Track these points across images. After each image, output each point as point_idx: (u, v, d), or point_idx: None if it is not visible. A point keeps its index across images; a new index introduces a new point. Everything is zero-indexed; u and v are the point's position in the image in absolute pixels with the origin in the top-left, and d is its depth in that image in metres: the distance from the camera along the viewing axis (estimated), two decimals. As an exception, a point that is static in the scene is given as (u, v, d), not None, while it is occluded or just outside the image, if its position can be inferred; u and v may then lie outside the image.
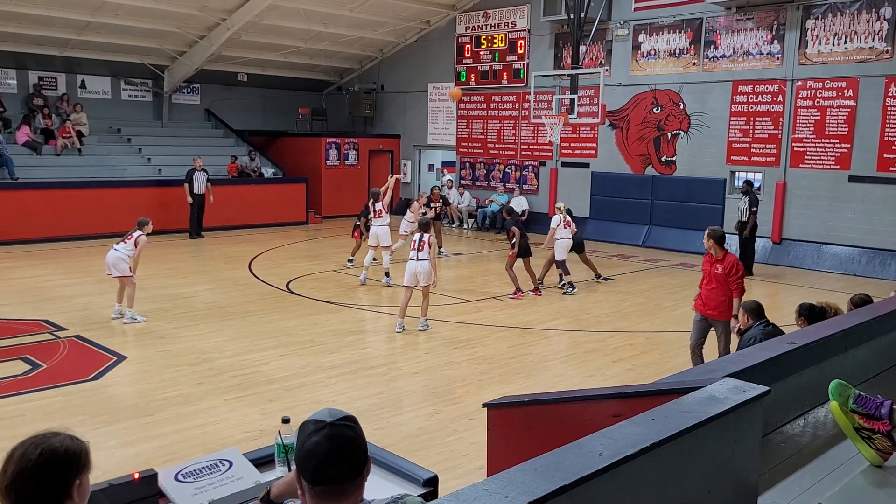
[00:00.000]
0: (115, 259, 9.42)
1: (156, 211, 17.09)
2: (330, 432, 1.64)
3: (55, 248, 14.79)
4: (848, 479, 2.37)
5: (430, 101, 21.29)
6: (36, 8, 15.91)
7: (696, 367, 5.82)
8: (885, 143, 13.60)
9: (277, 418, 2.97)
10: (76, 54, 18.35)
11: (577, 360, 8.34)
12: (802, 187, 14.65)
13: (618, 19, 17.06)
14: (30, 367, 7.57)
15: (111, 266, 9.43)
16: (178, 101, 21.18)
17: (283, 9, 17.68)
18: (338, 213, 20.76)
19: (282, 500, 2.04)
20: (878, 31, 13.55)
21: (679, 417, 1.97)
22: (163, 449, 5.67)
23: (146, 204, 16.99)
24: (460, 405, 6.74)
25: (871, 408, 2.46)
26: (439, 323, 9.79)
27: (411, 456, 3.36)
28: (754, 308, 5.88)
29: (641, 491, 1.81)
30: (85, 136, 18.19)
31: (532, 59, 18.74)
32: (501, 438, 3.57)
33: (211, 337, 8.83)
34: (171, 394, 6.90)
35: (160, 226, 17.02)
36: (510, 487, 1.56)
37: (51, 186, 15.65)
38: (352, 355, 8.21)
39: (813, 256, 14.44)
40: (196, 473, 2.51)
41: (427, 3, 19.46)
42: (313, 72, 22.50)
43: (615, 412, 2.60)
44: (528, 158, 19.38)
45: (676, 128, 16.42)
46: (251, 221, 18.41)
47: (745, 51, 15.21)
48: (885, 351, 3.55)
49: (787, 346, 2.95)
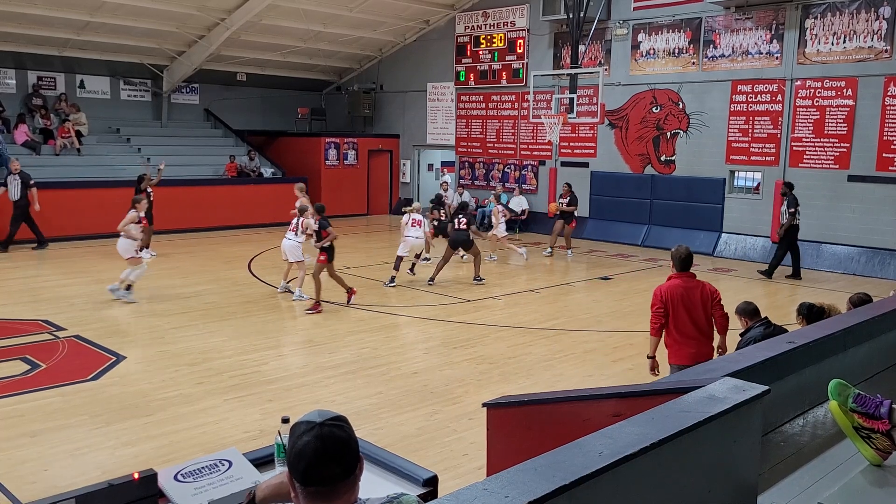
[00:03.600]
0: (291, 247, 10.77)
1: (156, 211, 17.12)
2: (319, 433, 1.64)
3: (54, 248, 14.78)
4: (847, 478, 2.37)
5: (430, 100, 21.29)
6: (35, 8, 15.90)
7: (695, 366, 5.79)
8: (884, 142, 13.61)
9: (277, 418, 2.97)
10: (75, 54, 18.34)
11: (576, 360, 8.34)
12: (801, 187, 14.61)
13: (617, 19, 17.06)
14: (29, 367, 7.56)
15: (287, 253, 10.82)
16: (178, 101, 21.18)
17: (282, 8, 17.68)
18: (337, 213, 20.69)
19: (266, 503, 2.03)
20: (877, 31, 13.55)
21: (679, 417, 1.97)
22: (162, 449, 5.66)
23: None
24: (459, 405, 6.74)
25: (871, 407, 2.46)
26: (438, 323, 9.80)
27: (410, 456, 3.36)
28: (746, 309, 5.81)
29: (641, 490, 1.81)
30: (84, 136, 18.18)
31: (531, 58, 18.74)
32: (501, 438, 3.57)
33: (210, 337, 8.83)
34: (170, 394, 6.90)
35: (160, 226, 17.14)
36: (510, 487, 1.56)
37: (50, 186, 15.62)
38: (351, 355, 8.21)
39: (812, 256, 14.44)
40: (196, 473, 2.51)
41: (426, 3, 19.46)
42: (312, 71, 22.49)
43: (615, 412, 2.60)
44: (527, 158, 19.38)
45: (675, 127, 16.43)
46: (250, 221, 18.41)
47: (745, 50, 15.21)
48: (885, 350, 3.56)
49: (787, 345, 2.96)
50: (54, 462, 5.42)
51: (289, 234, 10.96)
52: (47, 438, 5.78)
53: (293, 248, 10.83)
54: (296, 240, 10.82)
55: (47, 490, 4.74)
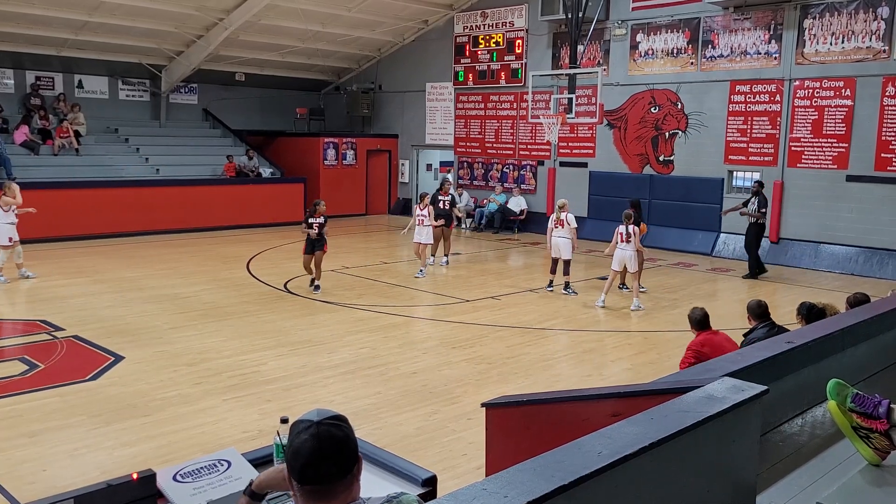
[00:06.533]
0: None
1: (154, 211, 17.15)
2: (317, 431, 1.65)
3: (52, 248, 14.76)
4: (846, 478, 2.37)
5: (428, 100, 21.29)
6: (33, 8, 15.88)
7: (694, 366, 5.82)
8: (882, 142, 13.62)
9: (276, 418, 2.97)
10: (73, 54, 18.32)
11: (575, 360, 8.35)
12: (800, 187, 14.67)
13: (615, 19, 17.06)
14: (27, 368, 7.55)
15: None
16: (176, 101, 21.16)
17: (280, 8, 17.67)
18: (336, 213, 20.70)
19: (263, 491, 2.04)
20: (876, 31, 13.56)
21: (677, 417, 1.97)
22: (161, 449, 5.66)
23: (144, 204, 17.03)
24: (458, 405, 6.73)
25: (869, 407, 2.46)
26: (437, 323, 9.80)
27: (409, 456, 3.35)
28: (755, 308, 5.85)
29: (640, 490, 1.81)
30: (82, 136, 18.16)
31: (530, 58, 18.74)
32: (500, 438, 3.58)
33: (209, 337, 8.83)
34: (169, 394, 6.90)
35: (158, 226, 17.16)
36: (509, 487, 1.56)
37: (48, 186, 15.62)
38: (350, 355, 8.21)
39: (810, 256, 14.46)
40: (194, 473, 2.50)
41: (425, 3, 19.46)
42: (311, 71, 22.49)
43: (614, 411, 2.60)
44: (525, 158, 19.38)
45: (674, 127, 16.44)
46: (249, 221, 18.41)
47: (743, 50, 15.23)
48: (883, 350, 3.56)
49: (786, 345, 2.96)
50: (53, 462, 5.41)
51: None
52: (46, 439, 5.78)
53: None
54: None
55: (46, 490, 4.74)
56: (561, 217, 11.54)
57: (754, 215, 13.17)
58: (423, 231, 12.73)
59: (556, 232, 11.55)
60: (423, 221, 12.73)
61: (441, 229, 13.47)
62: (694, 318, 6.20)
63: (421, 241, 12.74)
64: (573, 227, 11.56)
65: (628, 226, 10.68)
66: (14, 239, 11.77)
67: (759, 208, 13.16)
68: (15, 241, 11.79)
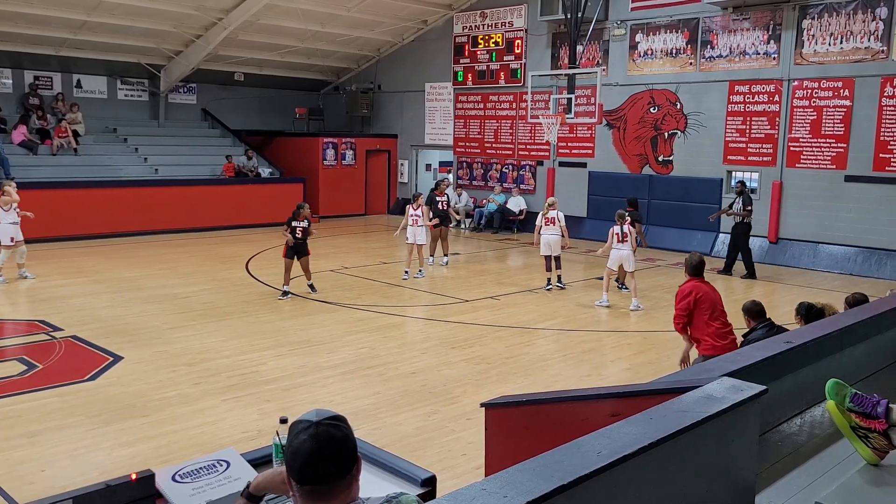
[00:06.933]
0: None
1: (153, 211, 17.14)
2: (316, 431, 1.65)
3: (51, 249, 14.74)
4: (845, 477, 2.37)
5: (427, 100, 21.29)
6: (32, 7, 15.87)
7: (693, 366, 5.83)
8: (880, 142, 13.63)
9: (275, 418, 2.97)
10: (72, 54, 18.32)
11: (574, 360, 8.35)
12: (799, 187, 14.67)
13: (615, 19, 17.07)
14: (26, 368, 7.55)
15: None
16: (175, 101, 21.16)
17: (280, 8, 17.67)
18: (335, 213, 20.77)
19: (260, 493, 2.04)
20: (874, 31, 13.58)
21: (677, 417, 1.97)
22: (160, 449, 5.66)
23: (143, 204, 17.02)
24: (458, 405, 6.74)
25: (868, 406, 2.46)
26: (437, 323, 9.80)
27: (409, 456, 3.35)
28: (752, 308, 5.85)
29: (639, 490, 1.81)
30: (81, 136, 18.16)
31: (529, 58, 18.75)
32: (499, 438, 3.58)
33: (208, 337, 8.82)
34: (168, 394, 6.89)
35: (157, 226, 17.15)
36: (508, 487, 1.56)
37: (47, 186, 15.61)
38: (349, 355, 8.21)
39: (809, 256, 14.47)
40: (193, 474, 2.50)
41: (424, 3, 19.46)
42: (310, 71, 22.48)
43: (613, 411, 2.61)
44: (525, 158, 19.38)
45: (673, 127, 16.45)
46: (248, 221, 18.39)
47: (742, 51, 15.24)
48: (882, 350, 3.56)
49: (784, 345, 2.96)
50: (52, 463, 5.41)
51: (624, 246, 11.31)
52: (45, 439, 5.77)
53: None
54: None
55: (45, 491, 4.73)
56: (551, 215, 11.68)
57: (741, 214, 13.27)
58: (418, 231, 12.67)
59: (548, 230, 11.66)
60: (416, 221, 12.65)
61: (439, 229, 13.50)
62: (690, 263, 6.55)
63: (416, 241, 12.68)
64: (563, 224, 11.76)
65: (623, 225, 10.70)
66: (17, 239, 11.77)
67: (743, 207, 13.26)
68: (18, 241, 11.79)
